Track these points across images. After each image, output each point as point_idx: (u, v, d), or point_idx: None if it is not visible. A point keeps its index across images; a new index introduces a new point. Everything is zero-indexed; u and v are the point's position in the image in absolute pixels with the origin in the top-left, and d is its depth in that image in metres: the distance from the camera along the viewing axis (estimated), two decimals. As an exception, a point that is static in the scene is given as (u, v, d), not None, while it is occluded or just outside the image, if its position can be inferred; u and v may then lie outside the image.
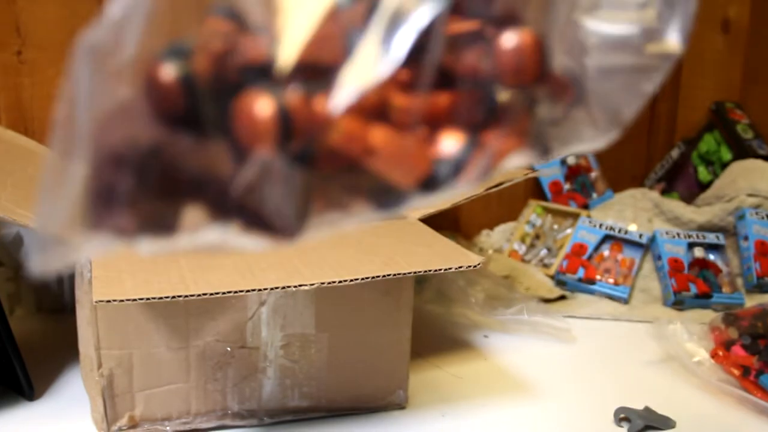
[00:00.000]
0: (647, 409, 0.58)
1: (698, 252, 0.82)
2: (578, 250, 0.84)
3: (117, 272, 0.50)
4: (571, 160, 0.94)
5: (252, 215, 0.21)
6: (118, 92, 0.21)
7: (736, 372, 0.61)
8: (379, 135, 0.22)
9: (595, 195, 0.93)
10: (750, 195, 0.85)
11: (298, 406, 0.56)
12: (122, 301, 0.47)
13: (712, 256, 0.82)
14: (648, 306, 0.79)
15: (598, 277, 0.81)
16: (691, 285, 0.79)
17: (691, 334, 0.67)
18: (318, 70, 0.21)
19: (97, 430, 0.54)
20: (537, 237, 0.89)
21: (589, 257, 0.83)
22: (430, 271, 0.52)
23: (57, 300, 0.73)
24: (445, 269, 0.56)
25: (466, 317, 0.75)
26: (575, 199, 0.92)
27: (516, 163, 0.25)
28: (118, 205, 0.21)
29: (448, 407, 0.59)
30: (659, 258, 0.81)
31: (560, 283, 0.82)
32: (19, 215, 0.53)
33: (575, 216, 0.88)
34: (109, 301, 0.46)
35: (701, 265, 0.81)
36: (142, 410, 0.54)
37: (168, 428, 0.54)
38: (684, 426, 0.57)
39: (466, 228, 0.95)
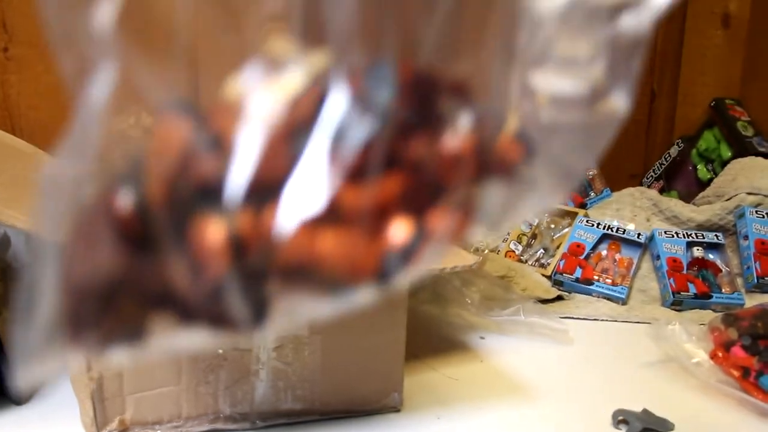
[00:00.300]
0: (645, 411, 0.58)
1: (697, 251, 0.82)
2: (575, 249, 0.83)
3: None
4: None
5: (216, 318, 0.23)
6: (81, 222, 0.24)
7: (736, 373, 0.61)
8: (327, 241, 0.23)
9: (592, 194, 0.93)
10: (750, 193, 0.85)
11: (292, 409, 0.55)
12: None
13: (711, 256, 0.82)
14: (646, 306, 0.79)
15: (595, 277, 0.81)
16: (690, 285, 0.78)
17: (690, 335, 0.66)
18: (266, 186, 0.23)
19: (85, 434, 0.54)
20: (534, 236, 0.89)
21: (587, 257, 0.82)
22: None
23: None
24: (441, 270, 0.55)
25: (461, 318, 0.74)
26: (572, 197, 0.92)
27: (467, 239, 0.26)
28: (87, 327, 0.23)
29: (444, 410, 0.59)
30: (658, 258, 0.81)
31: (557, 284, 0.82)
32: (7, 216, 0.52)
33: (572, 215, 0.88)
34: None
35: (700, 264, 0.81)
36: (132, 414, 0.53)
37: (158, 432, 0.53)
38: (683, 428, 0.57)
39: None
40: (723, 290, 0.79)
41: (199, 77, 0.24)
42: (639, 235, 0.82)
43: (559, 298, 0.80)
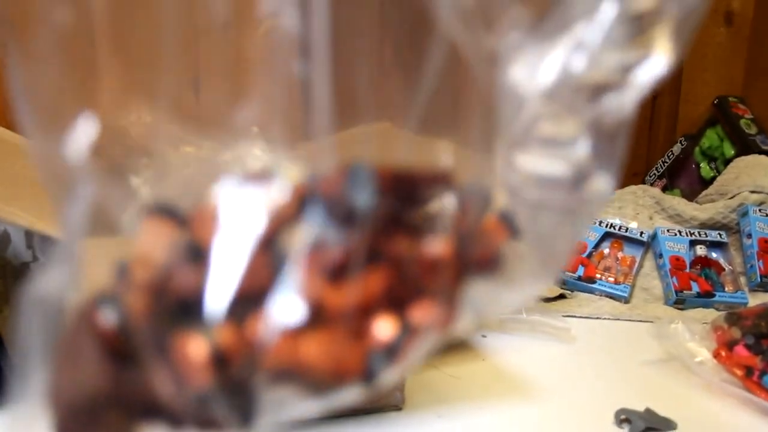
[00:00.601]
0: (648, 411, 0.58)
1: (700, 250, 0.81)
2: (578, 248, 0.83)
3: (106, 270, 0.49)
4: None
5: (204, 422, 0.24)
6: (65, 338, 0.25)
7: (739, 372, 0.61)
8: (311, 346, 0.24)
9: (595, 191, 0.92)
10: (753, 191, 0.84)
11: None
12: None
13: (714, 254, 0.81)
14: (649, 305, 0.79)
15: (598, 275, 0.80)
16: (693, 284, 0.78)
17: (692, 334, 0.66)
18: (248, 298, 0.23)
19: (85, 432, 0.53)
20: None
21: (589, 255, 0.82)
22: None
23: (47, 299, 0.72)
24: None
25: (463, 316, 0.74)
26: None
27: (452, 334, 0.27)
28: None
29: (446, 408, 0.59)
30: (660, 256, 0.81)
31: (559, 282, 0.81)
32: (7, 212, 0.52)
33: (575, 213, 0.88)
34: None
35: (703, 263, 0.81)
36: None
37: None
38: (685, 427, 0.57)
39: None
40: (726, 289, 0.79)
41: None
42: (642, 233, 0.82)
43: (562, 296, 0.80)
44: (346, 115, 0.28)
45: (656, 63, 0.28)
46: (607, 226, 0.83)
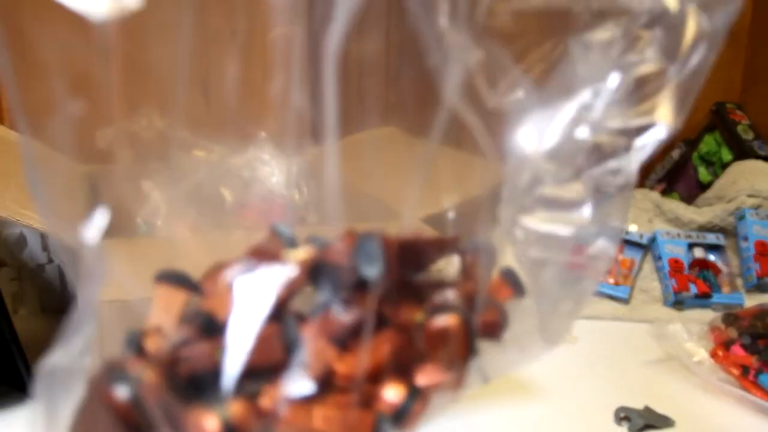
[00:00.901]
0: (647, 409, 0.59)
1: (698, 252, 0.82)
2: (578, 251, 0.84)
3: (121, 272, 0.50)
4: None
5: None
6: (81, 410, 0.25)
7: (736, 371, 0.62)
8: (321, 415, 0.24)
9: (595, 195, 0.93)
10: (750, 196, 0.85)
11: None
12: (126, 300, 0.47)
13: (712, 257, 0.82)
14: (648, 306, 0.80)
15: (598, 277, 0.81)
16: (691, 285, 0.79)
17: (690, 334, 0.67)
18: (260, 372, 0.24)
19: (100, 428, 0.54)
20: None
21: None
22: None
23: (60, 300, 0.73)
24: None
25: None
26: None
27: (460, 396, 0.28)
28: None
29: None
30: (659, 258, 0.82)
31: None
32: (23, 215, 0.53)
33: (576, 216, 0.89)
34: (112, 301, 0.47)
35: (701, 265, 0.81)
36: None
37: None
38: (683, 425, 0.58)
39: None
40: (723, 290, 0.80)
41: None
42: (641, 236, 0.83)
43: (562, 298, 0.81)
44: (353, 120, 0.29)
45: (659, 129, 0.29)
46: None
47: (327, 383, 0.25)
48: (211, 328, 0.25)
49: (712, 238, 0.83)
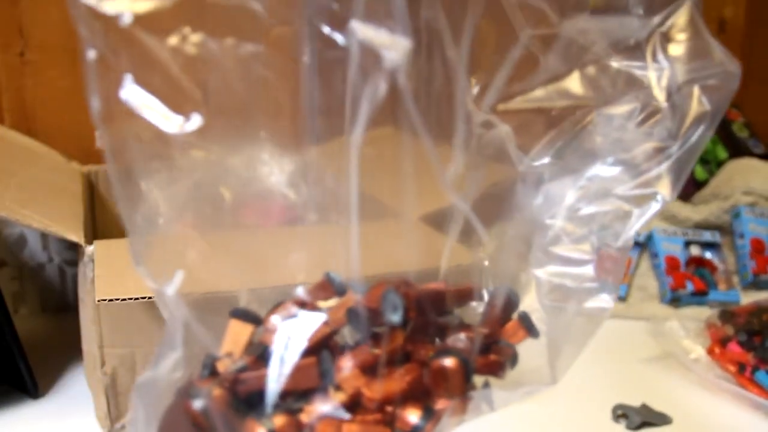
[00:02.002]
0: (644, 406, 0.59)
1: (695, 250, 0.83)
2: (576, 248, 0.84)
3: (120, 271, 0.51)
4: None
5: None
6: (167, 415, 0.33)
7: (732, 368, 0.62)
8: (347, 430, 0.31)
9: (592, 194, 0.94)
10: (745, 193, 0.86)
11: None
12: (125, 299, 0.47)
13: (708, 254, 0.83)
14: (645, 303, 0.80)
15: (595, 275, 0.82)
16: (688, 282, 0.80)
17: (687, 331, 0.67)
18: (301, 393, 0.31)
19: (100, 427, 0.55)
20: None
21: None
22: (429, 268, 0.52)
23: (61, 299, 0.73)
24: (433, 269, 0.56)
25: (465, 315, 0.76)
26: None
27: (468, 419, 0.33)
28: None
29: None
30: (656, 256, 0.82)
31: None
32: (23, 215, 0.53)
33: (573, 215, 0.89)
34: (111, 300, 0.47)
35: (698, 262, 0.82)
36: (145, 408, 0.54)
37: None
38: (680, 422, 0.58)
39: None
40: (719, 288, 0.80)
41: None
42: (638, 233, 0.84)
43: (560, 296, 0.81)
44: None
45: (658, 200, 0.34)
46: (604, 228, 0.85)
47: (356, 405, 0.31)
48: (267, 357, 0.31)
49: (708, 236, 0.83)
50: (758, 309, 0.67)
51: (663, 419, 0.58)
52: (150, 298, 0.48)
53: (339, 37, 0.29)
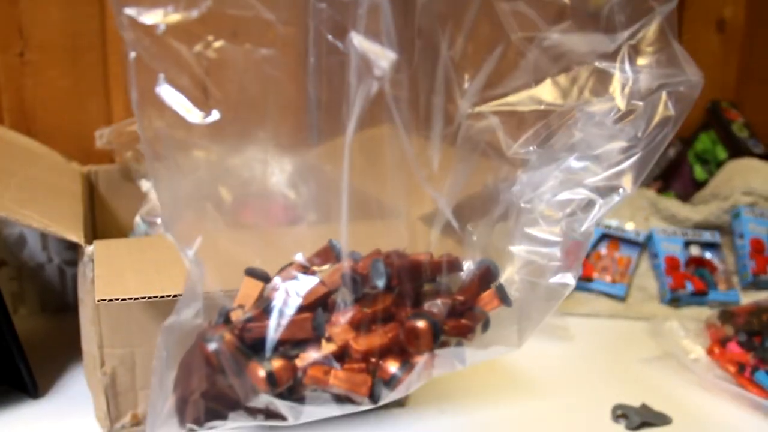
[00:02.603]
0: (644, 406, 0.59)
1: (694, 250, 0.83)
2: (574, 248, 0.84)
3: (119, 271, 0.51)
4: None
5: (269, 414, 0.38)
6: (186, 356, 0.39)
7: (732, 369, 0.62)
8: (333, 375, 0.37)
9: (592, 194, 0.94)
10: (745, 193, 0.86)
11: (299, 404, 0.57)
12: (125, 300, 0.47)
13: (708, 254, 0.83)
14: (645, 303, 0.80)
15: (595, 275, 0.82)
16: (688, 283, 0.80)
17: (687, 332, 0.67)
18: (298, 342, 0.37)
19: (100, 427, 0.55)
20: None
21: (587, 255, 0.83)
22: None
23: (60, 299, 0.73)
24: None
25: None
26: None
27: (440, 372, 0.39)
28: (187, 416, 0.38)
29: (448, 404, 0.60)
30: (656, 256, 0.82)
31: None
32: (23, 215, 0.53)
33: (573, 215, 0.89)
34: (111, 300, 0.47)
35: (697, 263, 0.82)
36: (144, 408, 0.54)
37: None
38: (680, 422, 0.58)
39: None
40: (719, 288, 0.80)
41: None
42: (638, 234, 0.84)
43: (560, 296, 0.81)
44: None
45: (620, 192, 0.39)
46: (604, 227, 0.85)
47: (345, 355, 0.37)
48: (269, 311, 0.37)
49: (707, 236, 0.84)
50: (758, 309, 0.67)
51: (663, 419, 0.58)
52: (150, 298, 0.48)
53: (340, 45, 0.34)
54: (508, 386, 0.63)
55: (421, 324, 0.38)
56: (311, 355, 0.37)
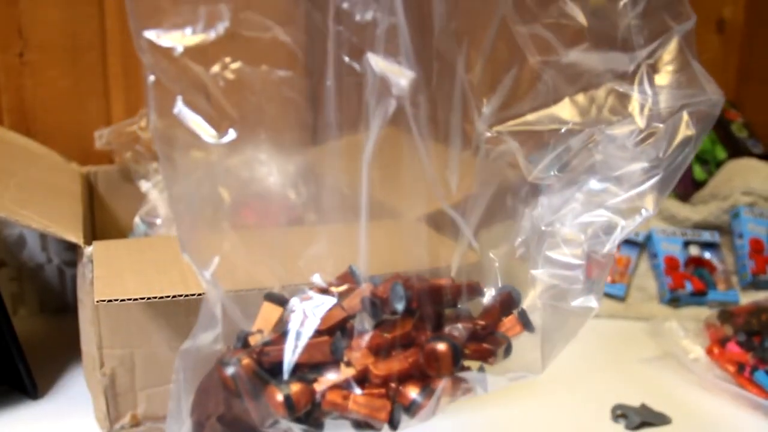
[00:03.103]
0: (644, 406, 0.59)
1: (694, 250, 0.83)
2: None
3: (118, 272, 0.51)
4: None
5: None
6: (204, 380, 0.39)
7: (731, 368, 0.62)
8: (353, 399, 0.37)
9: (591, 194, 0.94)
10: (744, 193, 0.86)
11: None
12: (124, 300, 0.47)
13: (707, 254, 0.83)
14: (644, 304, 0.80)
15: (594, 275, 0.82)
16: (687, 283, 0.80)
17: (686, 332, 0.68)
18: (316, 366, 0.37)
19: (99, 428, 0.55)
20: (534, 236, 0.90)
21: (586, 256, 0.83)
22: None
23: (60, 300, 0.73)
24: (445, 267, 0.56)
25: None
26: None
27: (460, 396, 0.38)
28: None
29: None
30: (655, 256, 0.82)
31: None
32: (22, 216, 0.53)
33: (572, 215, 0.89)
34: (110, 301, 0.47)
35: (697, 263, 0.82)
36: (144, 409, 0.54)
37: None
38: (680, 422, 0.58)
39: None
40: (719, 288, 0.80)
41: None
42: (637, 234, 0.84)
43: (559, 296, 0.81)
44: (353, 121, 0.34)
45: (642, 213, 0.39)
46: (603, 228, 0.85)
47: (364, 380, 0.37)
48: (287, 333, 0.37)
49: (707, 236, 0.84)
50: (757, 309, 0.67)
51: (662, 419, 0.58)
52: (149, 298, 0.48)
53: (357, 66, 0.35)
54: (507, 386, 0.63)
55: (441, 346, 0.37)
56: (330, 378, 0.36)
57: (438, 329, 0.39)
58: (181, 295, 0.48)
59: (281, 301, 0.39)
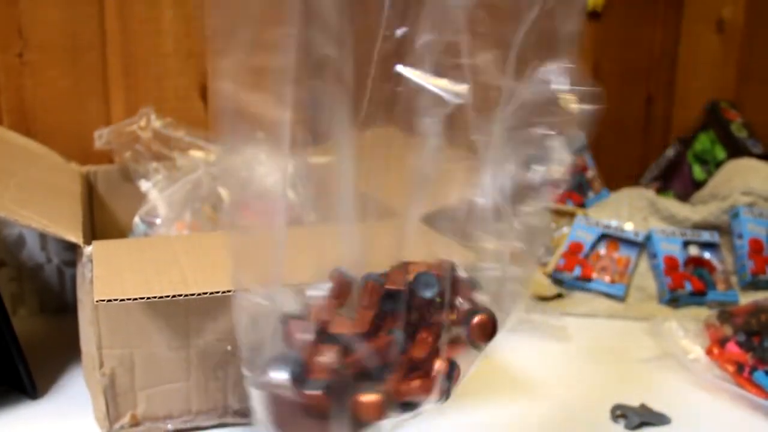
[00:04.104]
0: (643, 406, 0.59)
1: (693, 250, 0.83)
2: (575, 248, 0.84)
3: (118, 272, 0.51)
4: (567, 160, 0.95)
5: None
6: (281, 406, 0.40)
7: (731, 369, 0.62)
8: (412, 383, 0.40)
9: (591, 194, 0.94)
10: (744, 193, 0.86)
11: (299, 404, 0.57)
12: (123, 300, 0.47)
13: (707, 254, 0.83)
14: (644, 303, 0.80)
15: (594, 275, 0.82)
16: (687, 283, 0.80)
17: (686, 332, 0.67)
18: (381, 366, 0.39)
19: (99, 428, 0.55)
20: (534, 236, 0.90)
21: (586, 256, 0.83)
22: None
23: (59, 300, 0.73)
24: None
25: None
26: (572, 198, 0.93)
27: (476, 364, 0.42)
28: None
29: (448, 404, 0.60)
30: (655, 256, 0.82)
31: (557, 282, 0.83)
32: (22, 216, 0.53)
33: (571, 215, 0.89)
34: (110, 301, 0.47)
35: (696, 263, 0.82)
36: (144, 409, 0.54)
37: (170, 426, 0.55)
38: (679, 422, 0.58)
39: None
40: (718, 288, 0.80)
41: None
42: (636, 234, 0.84)
43: (559, 296, 0.81)
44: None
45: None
46: (603, 227, 0.85)
47: (414, 367, 0.40)
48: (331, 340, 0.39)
49: (706, 236, 0.84)
50: (757, 309, 0.67)
51: (662, 419, 0.58)
52: (149, 298, 0.48)
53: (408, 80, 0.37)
54: (507, 386, 0.63)
55: (482, 317, 0.41)
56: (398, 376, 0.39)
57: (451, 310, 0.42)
58: (180, 295, 0.48)
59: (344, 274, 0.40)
